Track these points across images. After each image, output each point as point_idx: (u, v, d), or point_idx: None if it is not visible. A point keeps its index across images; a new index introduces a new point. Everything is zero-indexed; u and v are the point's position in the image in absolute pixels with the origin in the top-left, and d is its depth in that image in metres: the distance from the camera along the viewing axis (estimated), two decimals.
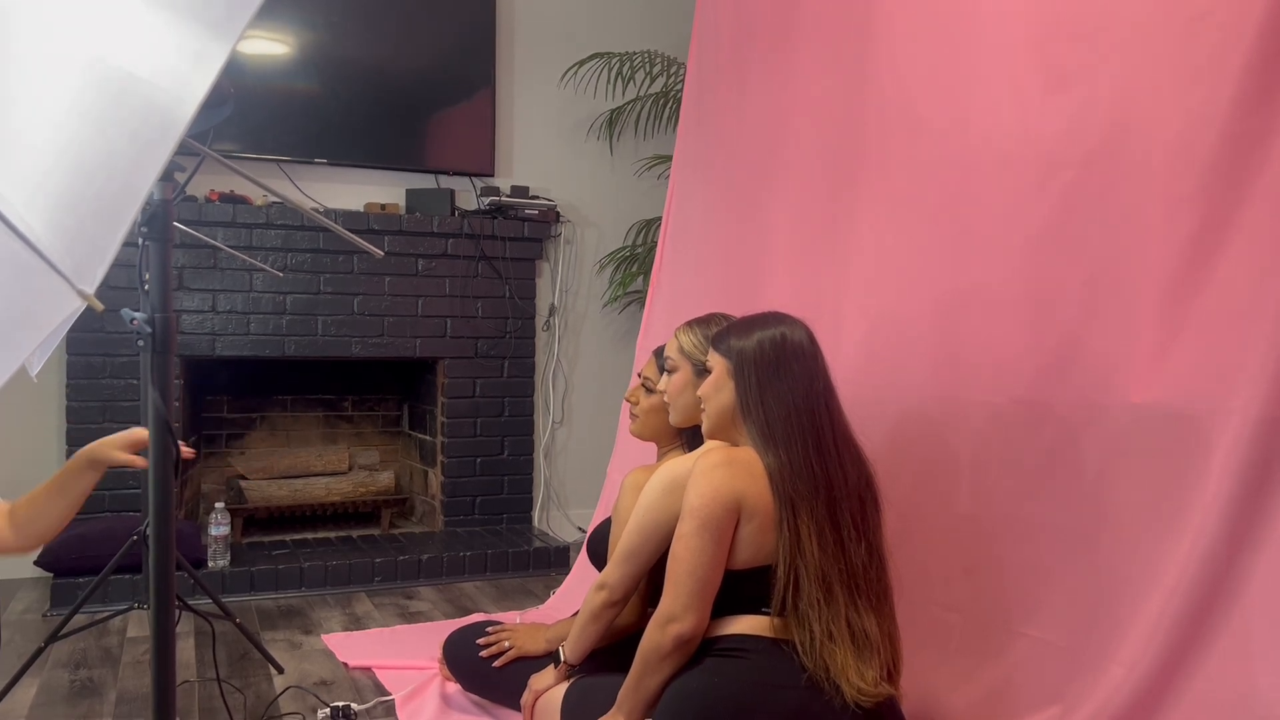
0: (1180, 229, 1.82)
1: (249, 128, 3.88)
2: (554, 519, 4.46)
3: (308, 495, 4.18)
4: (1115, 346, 1.93)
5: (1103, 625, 1.89)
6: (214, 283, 3.80)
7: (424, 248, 4.08)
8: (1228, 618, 1.68)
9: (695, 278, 3.25)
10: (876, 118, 2.53)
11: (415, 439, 4.51)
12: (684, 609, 1.75)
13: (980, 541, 2.17)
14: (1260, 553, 1.64)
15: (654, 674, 1.78)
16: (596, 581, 2.01)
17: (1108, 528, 1.92)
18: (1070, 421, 2.01)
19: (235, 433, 4.33)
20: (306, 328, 3.93)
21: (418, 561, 3.74)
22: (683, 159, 3.46)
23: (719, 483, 1.76)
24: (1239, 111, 1.73)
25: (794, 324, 1.88)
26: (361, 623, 3.23)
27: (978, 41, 2.26)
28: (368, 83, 4.08)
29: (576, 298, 4.51)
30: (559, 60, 4.40)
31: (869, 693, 1.68)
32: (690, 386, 2.08)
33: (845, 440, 1.85)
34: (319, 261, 3.93)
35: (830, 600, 1.73)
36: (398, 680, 2.63)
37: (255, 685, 2.62)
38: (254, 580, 3.52)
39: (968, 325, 2.24)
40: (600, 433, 4.38)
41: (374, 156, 4.12)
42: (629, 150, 4.56)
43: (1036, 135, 2.10)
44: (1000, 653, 2.09)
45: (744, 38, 3.12)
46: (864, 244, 2.56)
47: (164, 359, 1.49)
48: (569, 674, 2.09)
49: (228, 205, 3.78)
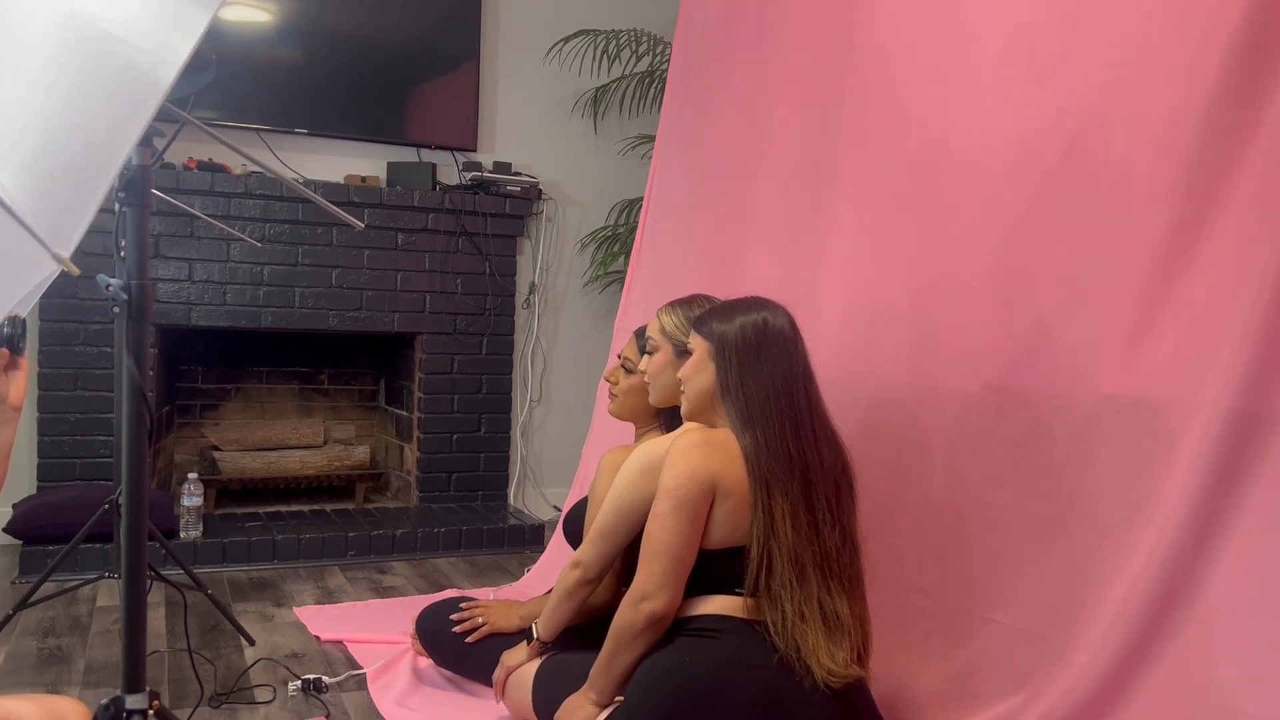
0: (1157, 222, 1.83)
1: (230, 95, 3.83)
2: (530, 497, 4.46)
3: (282, 468, 4.16)
4: (1089, 337, 1.94)
5: (1069, 612, 1.92)
6: (191, 251, 3.77)
7: (404, 222, 4.06)
8: (1192, 608, 1.71)
9: (676, 259, 3.25)
10: (859, 104, 2.53)
11: (391, 414, 4.49)
12: (657, 588, 1.75)
13: (951, 527, 2.19)
14: (1225, 544, 1.67)
15: (626, 652, 1.79)
16: (571, 560, 2.01)
17: (1076, 516, 1.94)
18: (1042, 410, 2.02)
19: (210, 403, 4.31)
20: (284, 299, 3.90)
21: (392, 536, 3.74)
22: (666, 140, 3.45)
23: (695, 463, 1.77)
24: (1219, 106, 1.75)
25: (776, 309, 1.88)
26: (334, 596, 3.22)
27: (962, 29, 2.26)
28: (351, 53, 4.04)
29: (557, 276, 4.50)
30: (545, 36, 4.37)
31: (839, 674, 1.70)
32: (670, 367, 2.08)
33: (823, 425, 1.86)
34: (298, 233, 3.90)
35: (803, 581, 1.74)
36: (370, 654, 2.63)
37: (226, 656, 2.62)
38: (226, 552, 3.51)
39: (943, 312, 2.25)
40: (578, 412, 4.38)
41: (356, 128, 4.08)
42: (613, 129, 4.54)
43: (1017, 124, 2.11)
44: (968, 638, 2.12)
45: (730, 20, 3.11)
46: (843, 229, 2.56)
47: (139, 327, 1.48)
48: (541, 651, 2.09)
49: (206, 173, 3.74)
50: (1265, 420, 1.63)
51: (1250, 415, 1.64)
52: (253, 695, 2.37)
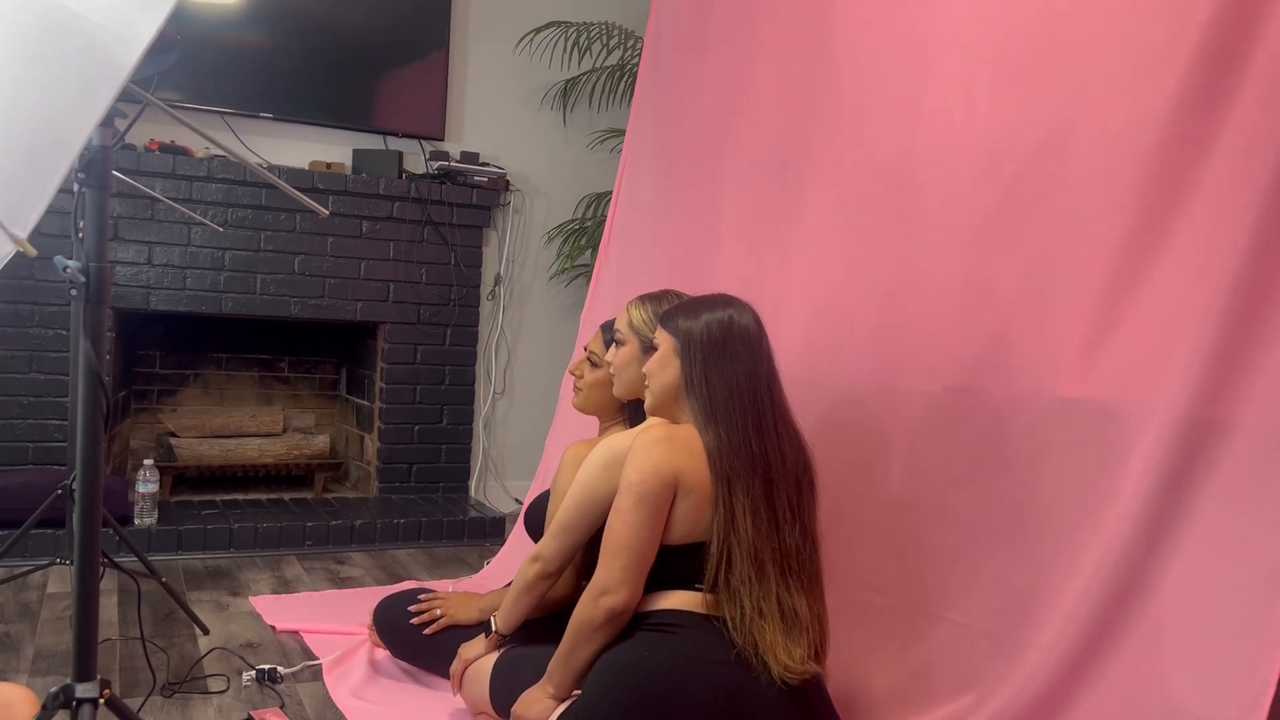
0: (1117, 228, 1.86)
1: (194, 77, 3.78)
2: (491, 489, 4.45)
3: (240, 455, 4.12)
4: (1048, 340, 1.97)
5: (1023, 611, 1.95)
6: (151, 234, 3.71)
7: (369, 209, 4.02)
8: (1142, 610, 1.74)
9: (644, 255, 3.25)
10: (829, 104, 2.55)
11: (353, 403, 4.46)
12: (617, 583, 1.76)
13: (910, 526, 2.21)
14: (1176, 548, 1.70)
15: (585, 646, 1.80)
16: (531, 553, 2.01)
17: (1032, 517, 1.97)
18: (1001, 411, 2.05)
19: (167, 389, 4.25)
20: (245, 285, 3.86)
21: (350, 527, 3.71)
22: (636, 134, 3.45)
23: (657, 458, 1.77)
24: (1179, 116, 1.77)
25: (742, 307, 1.89)
26: (291, 586, 3.19)
27: (932, 33, 2.28)
28: (319, 37, 3.99)
29: (523, 268, 4.48)
30: (515, 26, 4.35)
31: (795, 670, 1.71)
32: (636, 361, 2.09)
33: (785, 423, 1.87)
34: (261, 218, 3.86)
35: (762, 578, 1.75)
36: (326, 645, 2.61)
37: (179, 645, 2.59)
38: (181, 539, 3.46)
39: (907, 313, 2.27)
40: (541, 405, 4.37)
41: (322, 114, 4.04)
42: (582, 122, 4.53)
43: (983, 129, 2.13)
44: (924, 636, 2.14)
45: (702, 18, 3.11)
46: (810, 228, 2.58)
47: (97, 310, 1.46)
48: (500, 644, 2.09)
49: (168, 156, 3.69)
50: (1217, 427, 1.66)
51: (1203, 421, 1.67)
52: (206, 685, 2.34)
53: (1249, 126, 1.67)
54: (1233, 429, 1.64)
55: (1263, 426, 1.60)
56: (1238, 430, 1.63)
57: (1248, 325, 1.63)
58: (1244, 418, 1.63)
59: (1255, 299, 1.62)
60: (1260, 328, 1.62)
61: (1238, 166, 1.68)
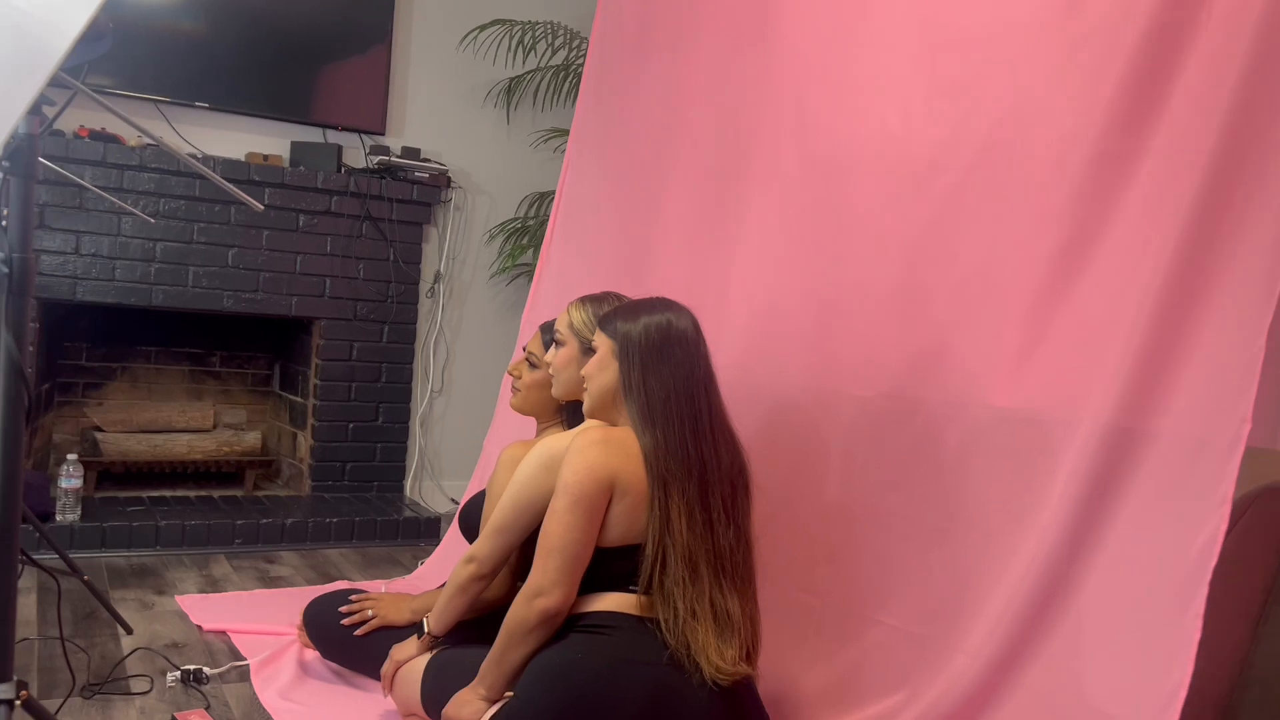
0: (1048, 241, 1.91)
1: (127, 64, 3.69)
2: (426, 489, 4.41)
3: (168, 451, 4.03)
4: (980, 349, 2.02)
5: (951, 615, 1.99)
6: (78, 224, 3.61)
7: (306, 203, 3.96)
8: (1064, 614, 1.79)
9: (584, 256, 3.25)
10: (770, 111, 2.58)
11: (286, 400, 4.39)
12: (552, 584, 1.76)
13: (844, 530, 2.24)
14: (1097, 556, 1.75)
15: (518, 648, 1.79)
16: (466, 554, 2.00)
17: (962, 522, 2.01)
18: (934, 418, 2.09)
19: (93, 382, 4.14)
20: (176, 277, 3.78)
21: (281, 525, 3.65)
22: (580, 136, 3.45)
23: (594, 460, 1.78)
24: (1109, 133, 1.83)
25: (680, 311, 1.91)
26: (219, 585, 3.14)
27: (870, 44, 2.31)
28: (257, 27, 3.92)
29: (463, 266, 4.45)
30: (460, 22, 4.32)
31: (727, 671, 1.72)
32: (575, 362, 2.09)
33: (722, 426, 1.89)
34: (194, 209, 3.78)
35: (695, 579, 1.76)
36: (254, 645, 2.57)
37: (101, 645, 2.53)
38: (105, 537, 3.38)
39: (843, 320, 2.30)
40: (479, 404, 4.34)
41: (259, 105, 3.97)
42: (526, 121, 4.51)
43: (919, 140, 2.17)
44: (855, 638, 2.17)
45: (646, 21, 3.13)
46: (750, 234, 2.60)
47: (20, 300, 1.42)
48: (432, 645, 2.08)
49: (98, 143, 3.59)
50: (1139, 435, 1.71)
51: (1126, 430, 1.72)
52: (128, 686, 2.29)
53: (1173, 148, 1.73)
54: (1152, 439, 1.70)
55: (1179, 437, 1.66)
56: (1157, 440, 1.69)
57: (1169, 339, 1.69)
58: (1162, 428, 1.68)
59: (1176, 314, 1.68)
60: (1180, 342, 1.67)
61: (1162, 186, 1.74)
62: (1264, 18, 1.60)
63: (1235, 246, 1.62)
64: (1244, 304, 1.58)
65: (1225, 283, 1.63)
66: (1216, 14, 1.69)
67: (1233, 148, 1.63)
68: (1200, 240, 1.66)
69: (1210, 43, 1.69)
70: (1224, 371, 1.60)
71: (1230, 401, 1.57)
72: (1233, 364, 1.58)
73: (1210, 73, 1.68)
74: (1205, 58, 1.70)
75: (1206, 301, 1.65)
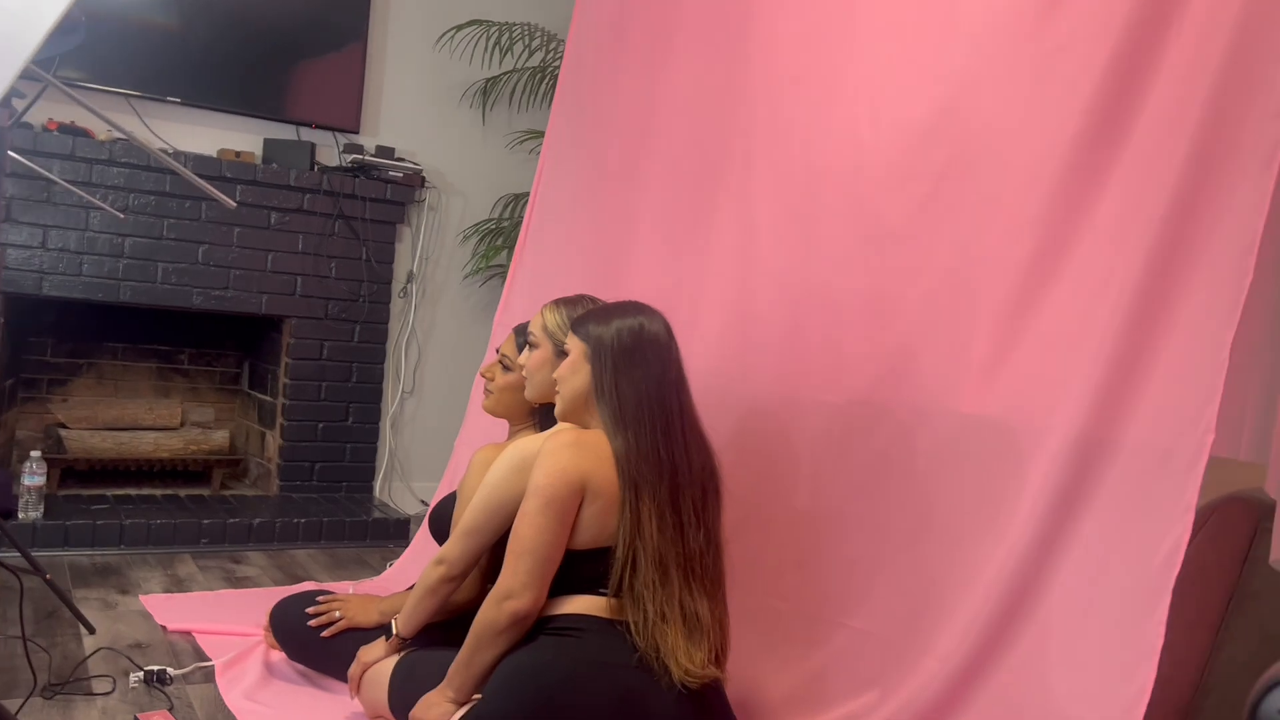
0: (1019, 251, 1.93)
1: (99, 57, 3.64)
2: (396, 490, 4.38)
3: (134, 449, 3.98)
4: (950, 357, 2.03)
5: (920, 620, 2.00)
6: (46, 217, 3.56)
7: (279, 201, 3.93)
8: (1031, 621, 1.80)
9: (558, 258, 3.25)
10: (745, 117, 2.59)
11: (255, 398, 4.35)
12: (522, 586, 1.75)
13: (813, 535, 2.25)
14: (1064, 563, 1.77)
15: (487, 650, 1.79)
16: (436, 556, 1.99)
17: (931, 528, 2.02)
18: (904, 425, 2.10)
19: (58, 378, 4.08)
20: (145, 273, 3.74)
21: (248, 525, 3.62)
22: (555, 138, 3.45)
23: (566, 463, 1.78)
24: (1081, 145, 1.85)
25: (653, 315, 1.91)
26: (184, 585, 3.10)
27: (845, 51, 2.33)
28: (232, 22, 3.89)
29: (436, 267, 4.43)
30: (436, 21, 4.30)
31: (695, 674, 1.73)
32: (548, 364, 2.08)
33: (693, 430, 1.90)
34: (164, 205, 3.74)
35: (665, 582, 1.77)
36: (219, 646, 2.54)
37: (63, 645, 2.49)
38: (69, 535, 3.33)
39: (816, 326, 2.32)
40: (451, 406, 4.32)
41: (233, 101, 3.94)
42: (502, 122, 4.50)
43: (891, 147, 2.19)
44: (823, 642, 2.18)
45: (623, 25, 3.13)
46: (724, 239, 2.61)
47: None
48: (400, 647, 2.06)
49: (67, 136, 3.55)
50: (1107, 445, 1.73)
51: (1094, 440, 1.74)
52: (90, 686, 2.26)
53: (1144, 161, 1.75)
54: (1118, 448, 1.72)
55: (1145, 446, 1.68)
56: (1123, 449, 1.71)
57: (1136, 350, 1.71)
58: (1128, 437, 1.70)
59: (1143, 325, 1.70)
60: (1147, 353, 1.70)
61: (1133, 198, 1.76)
62: (1235, 32, 1.62)
63: (1202, 259, 1.65)
64: (1210, 316, 1.61)
65: (1192, 295, 1.65)
66: (1188, 29, 1.71)
67: (1202, 161, 1.65)
68: (1169, 253, 1.68)
69: (1182, 57, 1.72)
70: (1189, 382, 1.62)
71: (1195, 412, 1.59)
72: (1198, 375, 1.60)
73: (1182, 87, 1.70)
74: (1177, 72, 1.72)
75: (1173, 313, 1.67)
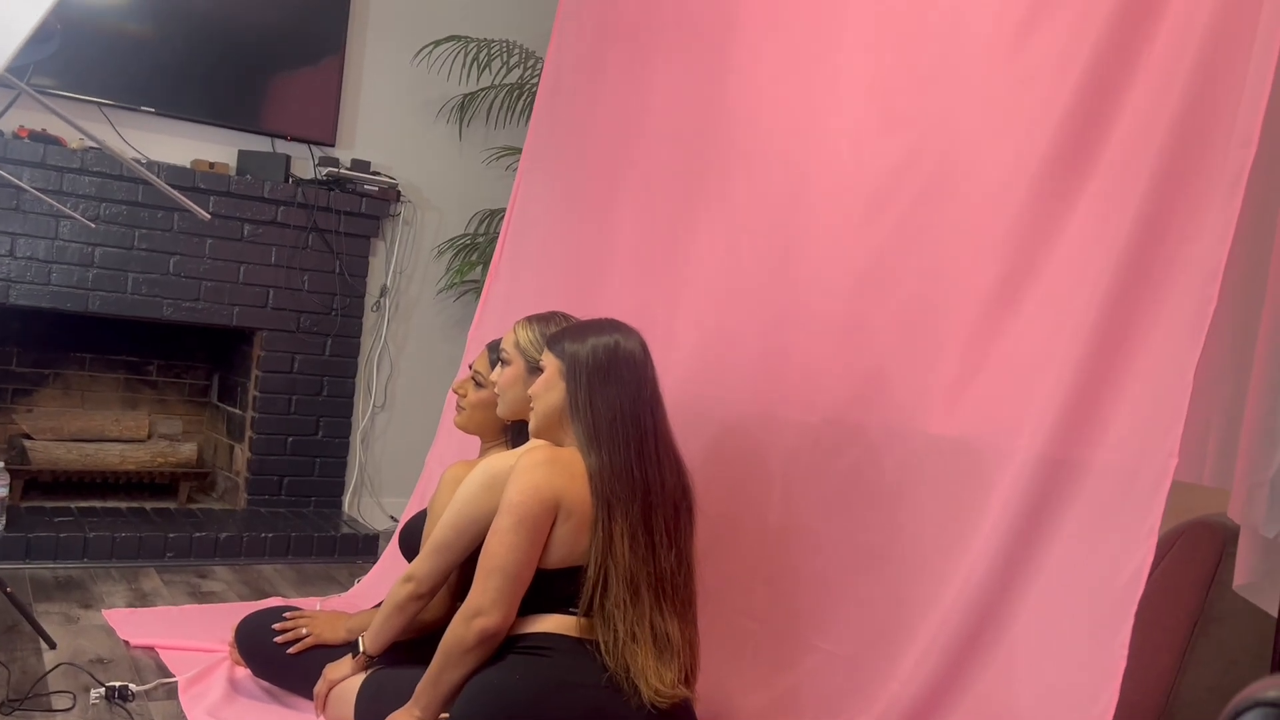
0: (987, 274, 1.96)
1: (73, 65, 3.61)
2: (365, 506, 4.35)
3: (99, 461, 3.93)
4: (919, 378, 2.05)
5: (885, 641, 2.01)
6: (14, 225, 3.53)
7: (252, 212, 3.91)
8: (997, 641, 1.82)
9: (534, 275, 3.25)
10: (724, 137, 2.61)
11: (223, 411, 4.31)
12: (491, 604, 1.75)
13: (783, 554, 2.26)
14: (1029, 583, 1.78)
15: (455, 668, 1.78)
16: (404, 573, 1.98)
17: (898, 548, 2.04)
18: (873, 445, 2.12)
19: (23, 388, 4.02)
20: (115, 284, 3.70)
21: (215, 539, 3.58)
22: (532, 155, 3.46)
23: (539, 480, 1.77)
24: (1048, 173, 1.88)
25: (629, 332, 1.92)
26: (148, 600, 3.06)
27: (825, 77, 2.36)
28: (208, 32, 3.87)
29: (410, 281, 4.42)
30: (414, 37, 4.30)
31: (665, 694, 1.73)
32: (521, 381, 2.08)
33: (667, 448, 1.90)
34: (136, 215, 3.71)
35: (636, 602, 1.77)
36: (183, 662, 2.51)
37: (22, 660, 2.45)
38: (30, 547, 3.28)
39: (789, 346, 2.33)
40: (422, 421, 4.29)
41: (207, 111, 3.92)
42: (479, 138, 4.51)
43: (868, 171, 2.21)
44: (792, 662, 2.19)
45: (602, 44, 3.15)
46: (701, 257, 2.62)
47: None
48: (367, 665, 2.05)
49: (38, 144, 3.51)
50: (1071, 467, 1.75)
51: (1058, 461, 1.76)
52: (50, 702, 2.22)
53: (1110, 187, 1.78)
54: (1083, 470, 1.74)
55: (1109, 468, 1.70)
56: (1087, 471, 1.73)
57: (1101, 373, 1.73)
58: (1093, 460, 1.72)
59: (1108, 349, 1.72)
60: (1112, 376, 1.72)
61: (1097, 224, 1.79)
62: (1199, 61, 1.66)
63: (1166, 284, 1.67)
64: (1173, 340, 1.63)
65: (1156, 320, 1.68)
66: (1154, 58, 1.75)
67: (1167, 188, 1.68)
68: (1133, 278, 1.71)
69: (1148, 85, 1.75)
70: (1153, 406, 1.64)
71: (1158, 436, 1.61)
72: (1162, 399, 1.63)
73: (1148, 114, 1.74)
74: (1143, 100, 1.76)
75: (1138, 337, 1.70)
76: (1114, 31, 1.81)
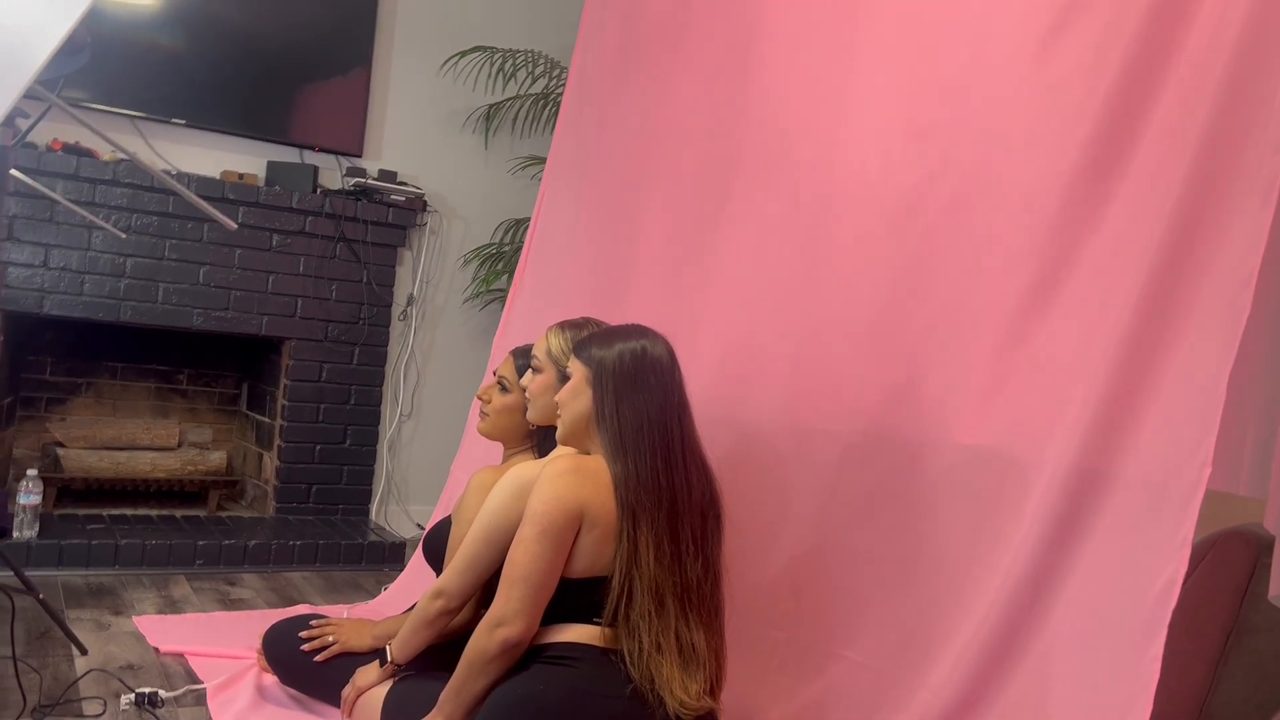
0: (1017, 283, 1.94)
1: (105, 78, 3.66)
2: (392, 514, 4.37)
3: (131, 469, 3.97)
4: (949, 388, 2.03)
5: (915, 651, 1.99)
6: (48, 236, 3.57)
7: (281, 223, 3.94)
8: (1029, 652, 1.79)
9: (559, 284, 3.26)
10: (750, 148, 2.60)
11: (253, 419, 4.34)
12: (515, 614, 1.74)
13: (810, 564, 2.24)
14: (1061, 594, 1.76)
15: (478, 678, 1.77)
16: (434, 588, 1.98)
17: (927, 559, 2.02)
18: (903, 455, 2.10)
19: (57, 397, 4.08)
20: (146, 294, 3.74)
21: (244, 547, 3.60)
22: (556, 163, 3.46)
23: (564, 490, 1.77)
24: (1078, 180, 1.86)
25: (656, 338, 1.90)
26: (178, 606, 3.08)
27: (851, 84, 2.34)
28: (237, 45, 3.91)
29: (437, 290, 4.44)
30: (441, 47, 4.33)
31: (691, 705, 1.71)
32: (552, 389, 2.08)
33: (694, 456, 1.88)
34: (166, 226, 3.75)
35: (661, 612, 1.75)
36: (211, 668, 2.52)
37: (54, 666, 2.47)
38: (63, 554, 3.32)
39: (817, 355, 2.32)
40: (449, 429, 4.30)
41: (236, 123, 3.96)
42: (504, 147, 4.52)
43: (897, 181, 2.20)
44: (819, 673, 2.17)
45: (627, 53, 3.15)
46: (726, 265, 2.61)
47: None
48: (395, 673, 2.05)
49: (71, 156, 3.56)
50: (1102, 476, 1.73)
51: (1090, 471, 1.74)
52: (81, 708, 2.24)
53: (1141, 194, 1.76)
54: (1115, 480, 1.71)
55: (1141, 479, 1.67)
56: (1119, 481, 1.71)
57: (1133, 382, 1.71)
58: (1125, 470, 1.70)
59: (1140, 358, 1.70)
60: (1144, 385, 1.70)
61: (1130, 232, 1.77)
62: (1232, 66, 1.64)
63: (1199, 292, 1.65)
64: (1206, 348, 1.61)
65: (1188, 327, 1.65)
66: (1185, 63, 1.73)
67: (1200, 194, 1.66)
68: (1166, 285, 1.68)
69: (1179, 92, 1.73)
70: (1186, 415, 1.62)
71: (1192, 444, 1.59)
72: (1195, 407, 1.60)
73: (1179, 120, 1.72)
74: (1174, 106, 1.73)
75: (1170, 345, 1.67)
76: (1144, 37, 1.79)
